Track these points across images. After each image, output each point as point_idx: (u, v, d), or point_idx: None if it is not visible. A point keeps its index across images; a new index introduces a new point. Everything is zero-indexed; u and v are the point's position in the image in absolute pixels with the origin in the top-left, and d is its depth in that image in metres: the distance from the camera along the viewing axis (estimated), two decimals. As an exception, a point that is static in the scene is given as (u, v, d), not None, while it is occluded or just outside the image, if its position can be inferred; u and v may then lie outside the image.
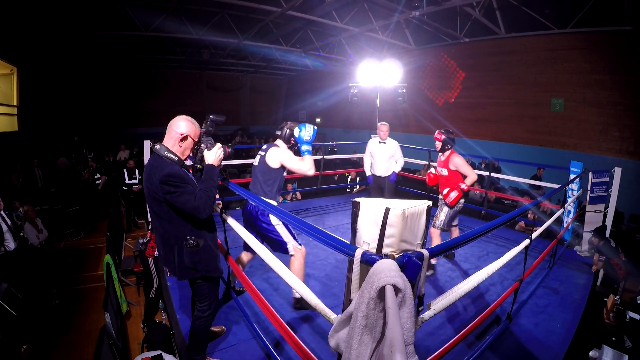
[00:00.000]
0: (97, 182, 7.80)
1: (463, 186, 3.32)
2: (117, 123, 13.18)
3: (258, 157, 2.73)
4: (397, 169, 4.65)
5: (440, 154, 3.55)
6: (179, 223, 1.77)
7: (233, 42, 10.03)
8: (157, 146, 1.76)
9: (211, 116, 1.94)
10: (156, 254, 3.44)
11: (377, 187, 4.70)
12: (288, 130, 2.67)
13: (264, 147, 2.74)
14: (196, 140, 1.82)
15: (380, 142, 4.59)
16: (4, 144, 8.34)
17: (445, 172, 3.46)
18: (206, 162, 1.85)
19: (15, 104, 8.93)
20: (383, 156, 4.59)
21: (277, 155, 2.58)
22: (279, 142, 2.72)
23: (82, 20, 7.80)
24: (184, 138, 1.77)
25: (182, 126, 1.77)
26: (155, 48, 11.21)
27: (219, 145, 1.89)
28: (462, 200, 3.44)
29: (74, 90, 11.92)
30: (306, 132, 2.49)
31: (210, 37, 9.45)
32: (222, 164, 1.98)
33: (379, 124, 4.56)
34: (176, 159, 1.75)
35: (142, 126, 13.39)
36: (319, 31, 10.20)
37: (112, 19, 7.93)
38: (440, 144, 3.48)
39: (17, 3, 6.60)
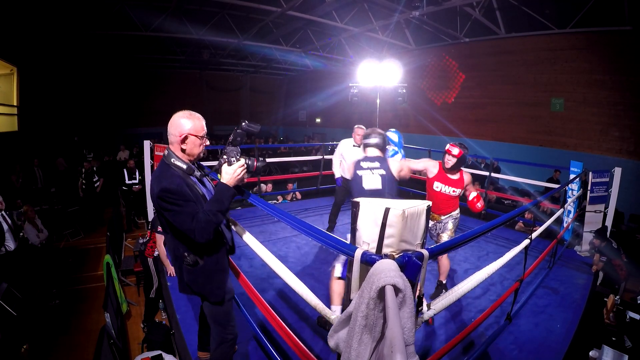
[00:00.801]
0: (95, 184, 7.35)
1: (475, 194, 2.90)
2: (117, 123, 13.19)
3: (374, 174, 2.43)
4: None
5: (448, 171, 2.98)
6: (177, 238, 1.61)
7: (233, 42, 10.04)
8: (166, 152, 1.58)
9: (243, 123, 1.63)
10: (156, 253, 3.44)
11: (346, 190, 4.26)
12: (381, 140, 2.56)
13: (372, 163, 2.47)
14: (200, 135, 1.57)
15: (354, 146, 4.18)
16: (4, 144, 8.34)
17: (458, 191, 2.95)
18: (221, 180, 1.56)
19: (15, 104, 8.94)
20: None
21: (397, 166, 2.50)
22: (380, 153, 2.56)
23: (82, 20, 7.80)
24: (184, 139, 1.54)
25: (178, 125, 1.54)
26: (155, 48, 11.21)
27: (241, 162, 1.57)
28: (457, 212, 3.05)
29: (74, 90, 11.92)
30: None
31: (210, 37, 9.45)
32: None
33: (355, 127, 4.17)
34: (184, 167, 1.55)
35: (142, 126, 13.40)
36: (319, 31, 10.20)
37: (112, 19, 7.94)
38: (456, 161, 2.87)
39: (17, 3, 6.60)
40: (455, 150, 2.85)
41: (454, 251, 3.88)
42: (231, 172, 1.54)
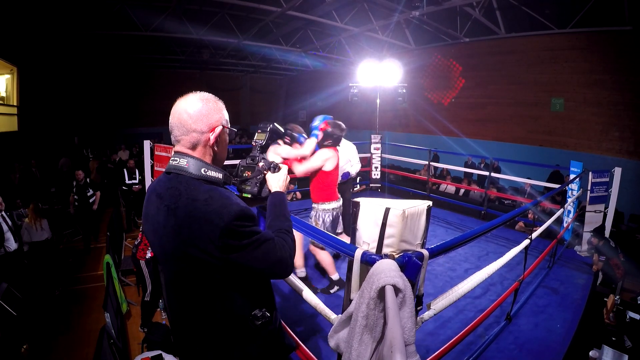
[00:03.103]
0: (90, 199, 6.05)
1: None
2: (117, 123, 13.19)
3: None
4: (352, 172, 4.14)
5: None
6: (238, 294, 1.01)
7: (233, 42, 10.04)
8: (183, 161, 0.98)
9: (271, 125, 1.39)
10: (148, 255, 3.46)
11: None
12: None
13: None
14: (229, 126, 1.11)
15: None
16: (4, 144, 8.35)
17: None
18: (273, 189, 1.24)
19: (15, 104, 8.94)
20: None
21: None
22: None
23: (82, 20, 7.80)
24: (221, 133, 1.04)
25: (205, 115, 1.00)
26: (155, 48, 11.21)
27: (286, 167, 1.30)
28: (337, 205, 2.88)
29: (74, 90, 11.92)
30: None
31: (210, 37, 9.45)
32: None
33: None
34: (221, 177, 1.03)
35: (142, 126, 13.40)
36: (319, 31, 10.20)
37: (112, 19, 7.93)
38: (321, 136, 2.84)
39: (17, 3, 6.60)
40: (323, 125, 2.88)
41: (454, 251, 3.88)
42: (284, 178, 1.26)
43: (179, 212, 0.92)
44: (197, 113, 0.98)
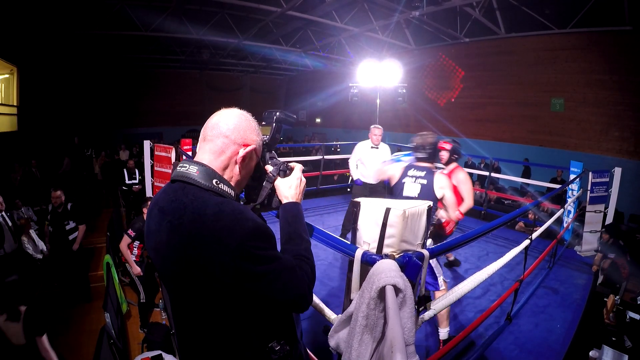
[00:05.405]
0: (70, 235, 4.17)
1: (456, 214, 2.46)
2: (117, 123, 13.19)
3: (414, 184, 2.34)
4: None
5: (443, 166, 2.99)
6: (253, 325, 0.88)
7: (233, 42, 10.04)
8: (193, 168, 0.86)
9: (279, 113, 1.07)
10: (132, 259, 3.50)
11: (365, 192, 4.16)
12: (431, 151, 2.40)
13: (417, 172, 2.37)
14: (260, 155, 0.99)
15: (372, 147, 4.13)
16: (4, 144, 8.35)
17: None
18: (284, 200, 1.03)
19: (15, 104, 8.94)
20: (376, 163, 4.06)
21: (445, 184, 2.30)
22: (429, 164, 2.42)
23: (82, 20, 7.81)
24: (250, 154, 0.92)
25: (245, 129, 0.92)
26: (155, 48, 11.22)
27: (299, 166, 1.07)
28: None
29: (74, 90, 11.92)
30: None
31: (210, 37, 9.46)
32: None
33: (372, 127, 4.14)
34: (233, 194, 0.89)
35: (142, 126, 13.40)
36: (319, 31, 10.21)
37: (112, 19, 7.94)
38: (448, 154, 2.96)
39: (17, 3, 6.60)
40: (446, 144, 3.02)
41: (455, 251, 3.89)
42: (296, 183, 1.04)
43: (183, 229, 0.79)
44: (236, 124, 0.91)
